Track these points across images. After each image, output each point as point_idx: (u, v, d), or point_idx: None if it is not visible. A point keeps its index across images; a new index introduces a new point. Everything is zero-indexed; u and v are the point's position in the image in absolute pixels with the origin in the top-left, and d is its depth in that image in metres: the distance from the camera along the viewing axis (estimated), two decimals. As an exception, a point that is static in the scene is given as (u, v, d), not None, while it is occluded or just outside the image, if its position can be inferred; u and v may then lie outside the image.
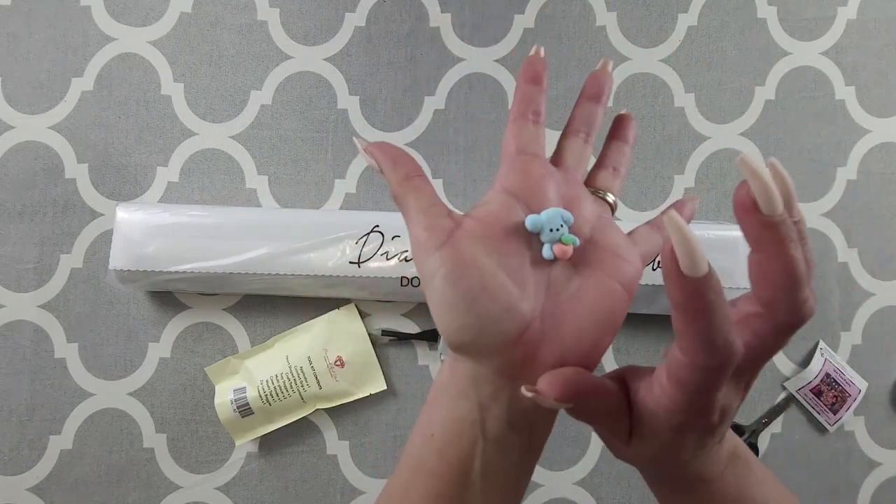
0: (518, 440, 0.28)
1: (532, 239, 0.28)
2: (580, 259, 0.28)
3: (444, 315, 0.26)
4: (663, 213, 0.28)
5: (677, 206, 0.33)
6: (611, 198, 0.31)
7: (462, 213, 0.29)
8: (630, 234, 0.31)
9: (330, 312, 0.53)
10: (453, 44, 0.56)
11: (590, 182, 0.32)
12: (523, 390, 0.25)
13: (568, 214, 0.28)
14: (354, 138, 0.31)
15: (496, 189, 0.29)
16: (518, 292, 0.27)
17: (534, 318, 0.27)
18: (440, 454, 0.27)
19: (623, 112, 0.33)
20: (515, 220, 0.28)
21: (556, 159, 0.31)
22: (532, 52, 0.31)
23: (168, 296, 0.53)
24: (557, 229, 0.28)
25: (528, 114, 0.30)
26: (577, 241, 0.28)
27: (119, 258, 0.49)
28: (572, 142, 0.31)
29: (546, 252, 0.28)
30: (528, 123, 0.30)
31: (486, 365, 0.27)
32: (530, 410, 0.27)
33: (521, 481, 0.29)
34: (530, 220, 0.27)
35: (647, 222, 0.32)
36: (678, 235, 0.21)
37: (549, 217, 0.28)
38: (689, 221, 0.31)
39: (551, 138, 0.30)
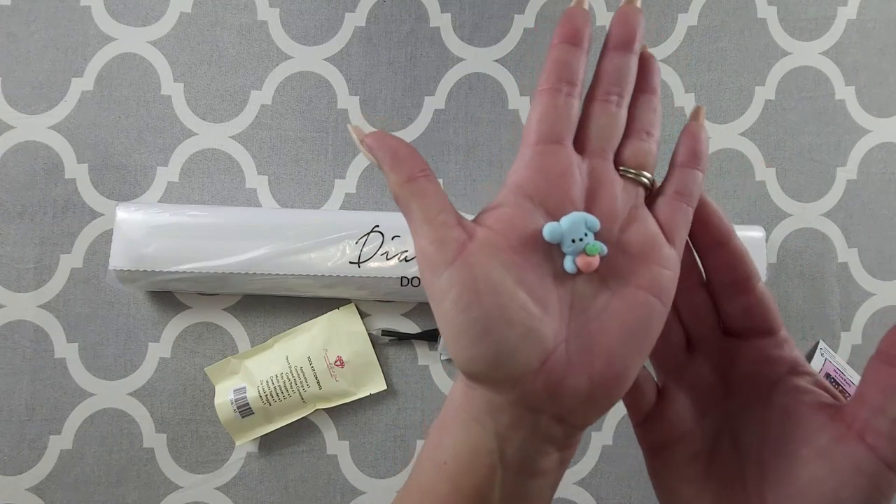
0: (541, 465, 0.25)
1: (552, 249, 0.24)
2: (608, 268, 0.25)
3: (454, 342, 0.23)
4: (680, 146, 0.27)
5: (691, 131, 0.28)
6: (646, 177, 0.26)
7: (472, 219, 0.25)
8: (654, 211, 0.26)
9: (330, 312, 0.53)
10: (453, 44, 0.56)
11: (620, 158, 0.26)
12: None
13: (593, 219, 0.24)
14: (349, 126, 0.27)
15: (509, 188, 0.25)
16: (539, 313, 0.23)
17: (557, 342, 0.24)
18: (454, 483, 0.25)
19: (643, 51, 0.27)
20: (533, 227, 0.24)
21: (581, 137, 0.26)
22: (574, 2, 0.25)
23: (168, 296, 0.53)
24: (581, 239, 0.24)
25: (560, 84, 0.25)
26: (605, 250, 0.24)
27: (119, 258, 0.49)
28: (599, 111, 0.26)
29: (568, 265, 0.24)
30: (558, 97, 0.25)
31: (504, 395, 0.24)
32: (558, 438, 0.24)
33: (547, 499, 0.26)
34: (549, 230, 0.24)
35: (664, 191, 0.27)
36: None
37: (570, 225, 0.24)
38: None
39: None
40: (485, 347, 0.22)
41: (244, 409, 0.51)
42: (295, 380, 0.51)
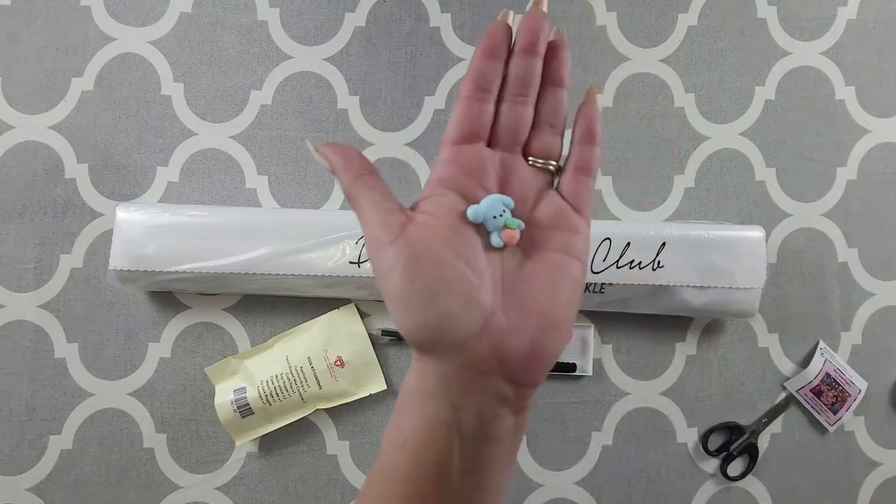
0: (498, 432, 0.27)
1: (479, 229, 0.28)
2: (527, 241, 0.28)
3: (402, 312, 0.26)
4: (577, 133, 0.29)
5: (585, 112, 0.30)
6: (552, 164, 0.30)
7: (410, 207, 0.28)
8: (558, 189, 0.30)
9: (330, 312, 0.53)
10: (453, 44, 0.56)
11: (527, 149, 0.30)
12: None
13: (507, 199, 0.28)
14: (307, 141, 0.31)
15: (433, 182, 0.28)
16: (477, 282, 0.26)
17: (495, 307, 0.27)
18: (415, 459, 0.26)
19: (552, 39, 0.29)
20: (460, 210, 0.28)
21: (493, 134, 0.29)
22: (499, 17, 0.29)
23: (168, 296, 0.53)
24: (500, 215, 0.28)
25: (476, 92, 0.28)
26: (522, 224, 0.28)
27: (119, 258, 0.49)
28: (507, 110, 0.29)
29: (495, 240, 0.28)
30: (474, 103, 0.28)
31: (453, 362, 0.26)
32: (511, 398, 0.27)
33: (504, 469, 0.28)
34: (472, 212, 0.27)
35: (566, 168, 0.30)
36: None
37: (489, 205, 0.28)
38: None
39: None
40: (430, 314, 0.25)
41: (244, 409, 0.51)
42: (295, 380, 0.51)
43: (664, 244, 0.50)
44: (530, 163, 0.30)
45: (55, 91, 0.54)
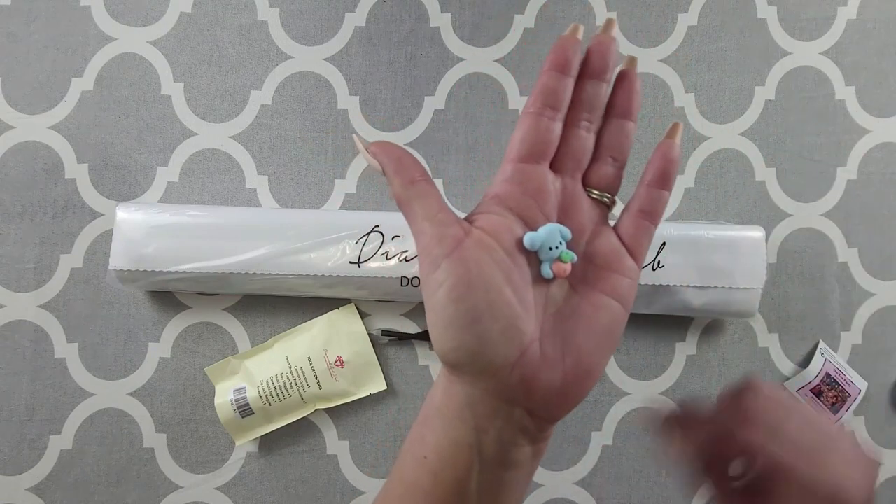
0: (516, 457, 0.27)
1: (531, 256, 0.27)
2: (576, 276, 0.28)
3: (442, 330, 0.25)
4: (646, 179, 0.29)
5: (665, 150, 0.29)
6: (608, 198, 0.29)
7: (466, 220, 0.27)
8: (616, 228, 0.29)
9: (330, 312, 0.53)
10: (453, 44, 0.56)
11: (586, 179, 0.29)
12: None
13: (566, 230, 0.27)
14: (354, 136, 0.29)
15: (491, 199, 0.27)
16: (521, 311, 0.26)
17: (533, 339, 0.26)
18: (434, 476, 0.27)
19: (623, 68, 0.29)
20: (516, 234, 0.27)
21: (556, 158, 0.28)
22: (568, 31, 0.27)
23: (168, 296, 0.53)
24: (556, 247, 0.27)
25: (544, 109, 0.27)
26: (575, 258, 0.27)
27: (119, 258, 0.49)
28: (572, 136, 0.28)
29: (545, 271, 0.27)
30: (541, 120, 0.27)
31: (482, 387, 0.26)
32: (531, 430, 0.27)
33: (520, 492, 0.28)
34: (529, 239, 0.27)
35: (629, 209, 0.29)
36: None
37: (547, 235, 0.27)
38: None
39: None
40: (469, 338, 0.25)
41: (244, 409, 0.51)
42: (295, 380, 0.51)
43: (664, 244, 0.50)
44: (587, 192, 0.29)
45: (55, 91, 0.54)
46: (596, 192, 0.29)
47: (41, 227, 0.53)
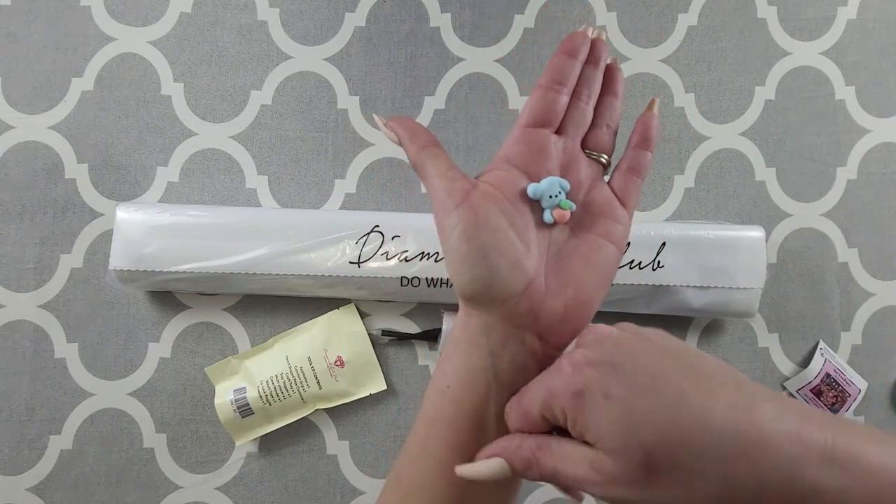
0: (528, 380, 0.29)
1: (534, 205, 0.31)
2: (576, 222, 0.32)
3: (458, 267, 0.29)
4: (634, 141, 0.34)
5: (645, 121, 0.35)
6: (604, 158, 0.34)
7: (476, 178, 0.32)
8: (609, 183, 0.34)
9: (330, 312, 0.53)
10: (453, 44, 0.56)
11: (585, 143, 0.34)
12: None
13: (565, 182, 0.31)
14: (375, 115, 0.34)
15: (501, 158, 0.32)
16: (524, 250, 0.30)
17: (538, 274, 0.30)
18: (456, 403, 0.30)
19: (609, 62, 0.35)
20: (521, 186, 0.31)
21: (561, 124, 0.33)
22: (581, 28, 0.34)
23: (168, 296, 0.53)
24: (556, 196, 0.31)
25: (553, 84, 0.32)
26: (574, 207, 0.32)
27: (119, 258, 0.49)
28: (573, 106, 0.33)
29: (546, 217, 0.31)
30: (550, 92, 0.32)
31: (495, 314, 0.30)
32: (539, 353, 0.30)
33: None
34: (532, 189, 0.31)
35: (619, 167, 0.34)
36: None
37: (548, 185, 0.31)
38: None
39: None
40: (481, 270, 0.29)
41: (244, 409, 0.51)
42: (295, 380, 0.51)
43: (664, 244, 0.50)
44: (587, 153, 0.33)
45: (55, 91, 0.54)
46: (594, 153, 0.34)
47: (41, 227, 0.53)
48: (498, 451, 0.27)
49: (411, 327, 0.54)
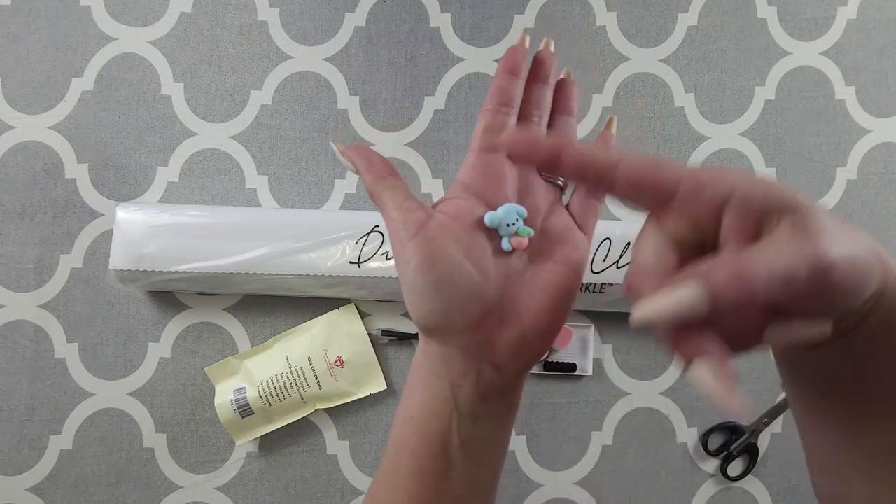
0: (490, 411, 0.30)
1: (492, 232, 0.31)
2: (534, 248, 0.31)
3: (414, 300, 0.29)
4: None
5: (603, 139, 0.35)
6: (560, 180, 0.33)
7: (431, 206, 0.31)
8: (567, 206, 0.33)
9: (330, 312, 0.53)
10: (453, 44, 0.56)
11: None
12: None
13: (522, 209, 0.31)
14: (332, 143, 0.33)
15: (458, 185, 0.32)
16: (481, 280, 0.29)
17: (494, 304, 0.30)
18: (420, 432, 0.30)
19: (562, 76, 0.34)
20: (477, 214, 0.31)
21: None
22: (517, 40, 0.33)
23: (168, 296, 0.53)
24: (513, 223, 0.31)
25: (500, 106, 0.32)
26: (532, 233, 0.31)
27: (119, 258, 0.49)
28: (525, 127, 0.33)
29: (504, 245, 0.31)
30: (497, 115, 0.32)
31: (452, 345, 0.30)
32: (498, 383, 0.30)
33: (498, 448, 0.32)
34: (488, 217, 0.30)
35: (578, 189, 0.34)
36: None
37: (504, 213, 0.31)
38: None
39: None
40: (437, 303, 0.29)
41: (244, 409, 0.51)
42: (295, 380, 0.51)
43: (664, 244, 0.50)
44: (542, 175, 0.33)
45: (55, 91, 0.54)
46: (550, 176, 0.33)
47: (41, 227, 0.53)
48: (681, 279, 0.21)
49: (411, 327, 0.54)
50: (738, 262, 0.21)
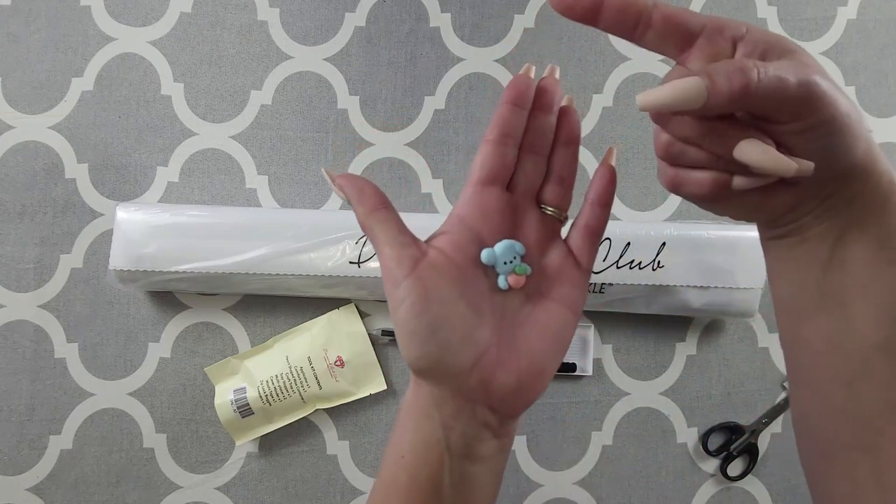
0: (483, 451, 0.30)
1: (488, 269, 0.30)
2: (532, 286, 0.31)
3: (407, 341, 0.28)
4: (588, 202, 0.32)
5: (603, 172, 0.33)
6: (560, 214, 0.32)
7: (425, 241, 0.30)
8: (566, 240, 0.32)
9: (330, 312, 0.53)
10: (453, 44, 0.56)
11: (540, 197, 0.32)
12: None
13: (520, 246, 0.30)
14: (323, 170, 0.32)
15: (454, 218, 0.31)
16: (476, 321, 0.29)
17: (489, 345, 0.29)
18: (410, 473, 0.29)
19: (564, 103, 0.32)
20: (473, 251, 0.30)
21: (512, 180, 0.31)
22: (522, 70, 0.31)
23: (168, 296, 0.53)
24: (511, 261, 0.30)
25: (502, 138, 0.30)
26: (529, 270, 0.30)
27: (119, 258, 0.49)
28: (525, 160, 0.31)
29: (501, 283, 0.30)
30: (498, 147, 0.30)
31: (445, 387, 0.29)
32: (492, 424, 0.30)
33: (491, 485, 0.31)
34: (485, 255, 0.30)
35: (577, 223, 0.32)
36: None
37: (502, 251, 0.30)
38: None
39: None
40: (431, 346, 0.28)
41: (244, 409, 0.51)
42: (295, 380, 0.51)
43: (664, 244, 0.50)
44: (542, 209, 0.32)
45: (55, 91, 0.54)
46: (550, 209, 0.32)
47: (41, 227, 0.53)
48: (686, 73, 0.23)
49: (411, 327, 0.54)
50: (740, 60, 0.23)
